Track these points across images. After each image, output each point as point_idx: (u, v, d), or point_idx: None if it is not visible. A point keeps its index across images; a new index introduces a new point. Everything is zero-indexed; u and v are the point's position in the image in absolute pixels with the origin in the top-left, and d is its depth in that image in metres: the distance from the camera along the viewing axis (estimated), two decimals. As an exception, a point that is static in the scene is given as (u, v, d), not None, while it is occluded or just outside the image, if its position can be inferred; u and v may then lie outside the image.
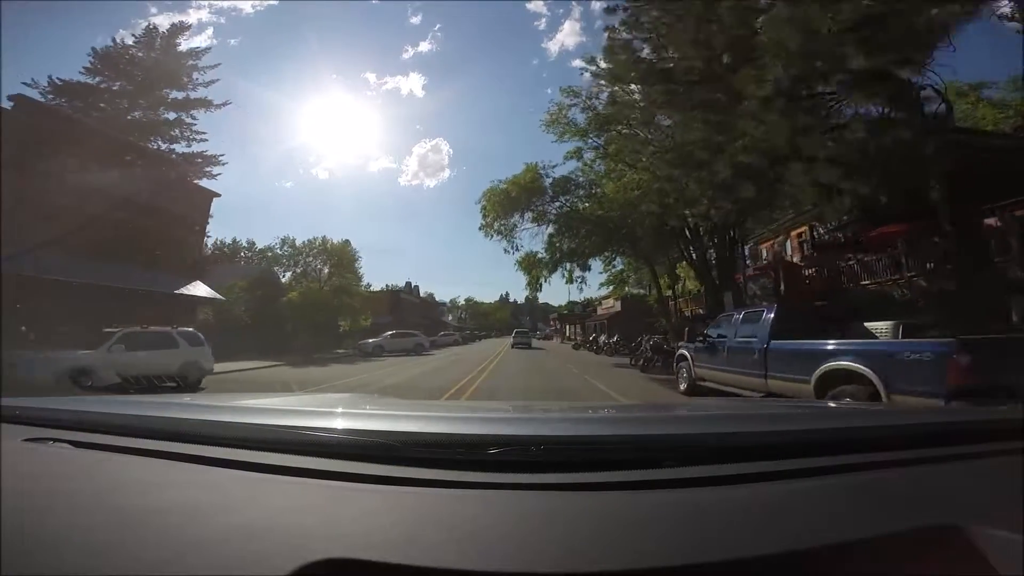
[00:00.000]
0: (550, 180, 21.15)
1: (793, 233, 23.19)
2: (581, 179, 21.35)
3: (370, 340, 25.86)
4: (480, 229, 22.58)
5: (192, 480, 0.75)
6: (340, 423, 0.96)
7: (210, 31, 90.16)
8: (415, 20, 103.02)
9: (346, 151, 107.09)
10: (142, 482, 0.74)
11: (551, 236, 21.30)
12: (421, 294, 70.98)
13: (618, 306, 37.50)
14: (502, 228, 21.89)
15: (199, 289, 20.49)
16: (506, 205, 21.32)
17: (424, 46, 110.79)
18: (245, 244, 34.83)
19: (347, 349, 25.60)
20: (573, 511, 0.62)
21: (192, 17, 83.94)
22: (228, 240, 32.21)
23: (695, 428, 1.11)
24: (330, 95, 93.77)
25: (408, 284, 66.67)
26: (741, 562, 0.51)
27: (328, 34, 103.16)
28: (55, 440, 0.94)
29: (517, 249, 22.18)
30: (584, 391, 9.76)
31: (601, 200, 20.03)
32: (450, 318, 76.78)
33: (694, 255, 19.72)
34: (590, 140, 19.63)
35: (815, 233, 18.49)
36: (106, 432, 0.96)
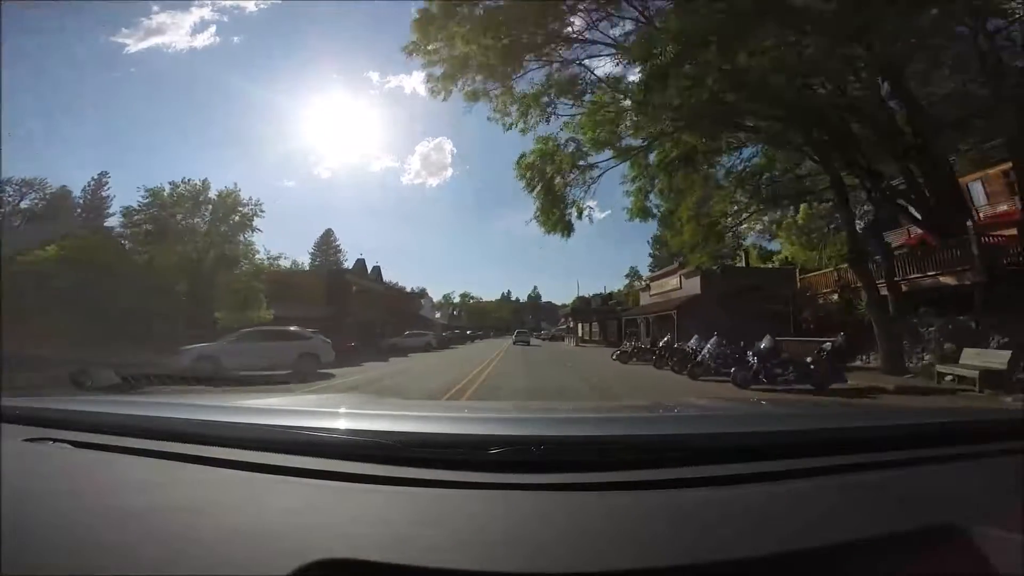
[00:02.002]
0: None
1: (995, 170, 15.29)
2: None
3: (196, 345, 11.52)
4: (426, 79, 11.33)
5: (192, 480, 0.75)
6: (340, 423, 0.96)
7: (212, 29, 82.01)
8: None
9: (349, 150, 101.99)
10: (142, 482, 0.74)
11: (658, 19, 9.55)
12: (400, 284, 54.00)
13: (694, 286, 20.91)
14: (487, 83, 10.29)
15: None
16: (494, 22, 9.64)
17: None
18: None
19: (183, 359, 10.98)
20: (573, 511, 0.62)
21: (195, 15, 79.59)
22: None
23: (695, 428, 1.08)
24: (333, 94, 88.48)
25: (361, 262, 44.08)
26: (741, 562, 0.51)
27: (331, 33, 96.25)
28: (55, 440, 0.93)
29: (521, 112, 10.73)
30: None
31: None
32: (438, 315, 63.95)
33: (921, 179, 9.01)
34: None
35: None
36: (106, 432, 0.95)
